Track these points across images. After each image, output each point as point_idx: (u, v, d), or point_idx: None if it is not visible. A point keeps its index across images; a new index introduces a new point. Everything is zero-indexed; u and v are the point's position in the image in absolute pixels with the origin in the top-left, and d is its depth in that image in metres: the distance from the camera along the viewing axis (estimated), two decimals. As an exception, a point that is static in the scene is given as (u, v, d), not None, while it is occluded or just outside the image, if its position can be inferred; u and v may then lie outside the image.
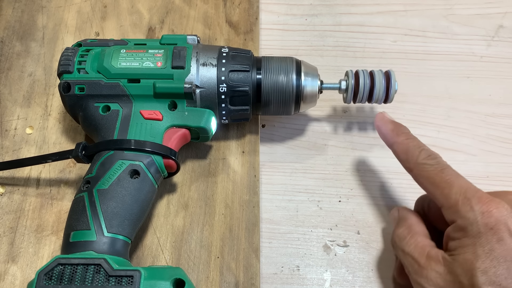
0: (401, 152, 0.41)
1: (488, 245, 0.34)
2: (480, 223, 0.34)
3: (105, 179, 0.40)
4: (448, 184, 0.37)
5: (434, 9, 0.59)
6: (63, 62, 0.44)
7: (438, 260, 0.36)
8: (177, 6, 0.57)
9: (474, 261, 0.34)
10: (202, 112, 0.44)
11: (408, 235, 0.39)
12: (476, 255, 0.34)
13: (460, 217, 0.36)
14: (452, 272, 0.35)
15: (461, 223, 0.36)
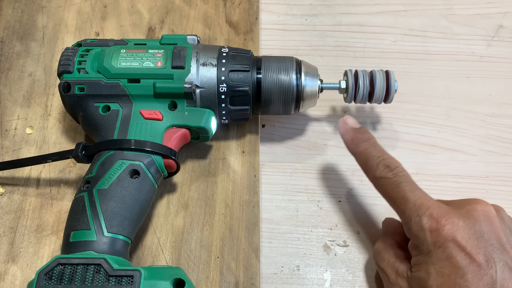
0: (361, 164, 0.41)
1: (438, 263, 0.34)
2: (429, 242, 0.35)
3: (105, 179, 0.40)
4: (403, 200, 0.37)
5: (434, 9, 0.59)
6: (63, 62, 0.44)
7: (404, 276, 0.37)
8: (177, 6, 0.57)
9: (426, 279, 0.34)
10: (202, 112, 0.44)
11: (383, 250, 0.40)
12: (428, 273, 0.34)
13: (413, 235, 0.36)
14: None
15: (414, 242, 0.36)
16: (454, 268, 0.34)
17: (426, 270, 0.35)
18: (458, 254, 0.34)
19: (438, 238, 0.34)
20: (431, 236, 0.35)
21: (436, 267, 0.34)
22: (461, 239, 0.34)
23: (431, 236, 0.35)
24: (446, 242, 0.34)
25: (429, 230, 0.35)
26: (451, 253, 0.34)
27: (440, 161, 0.51)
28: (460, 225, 0.35)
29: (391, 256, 0.39)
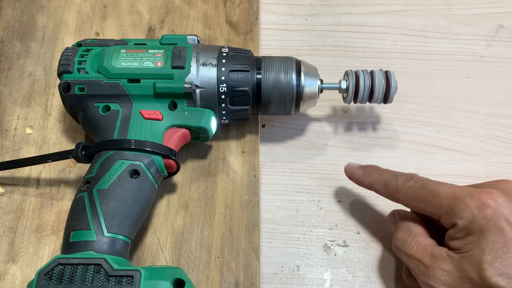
0: (381, 188, 0.42)
1: (490, 237, 0.35)
2: (478, 218, 0.35)
3: (105, 179, 0.40)
4: (435, 194, 0.38)
5: (434, 9, 0.59)
6: (63, 62, 0.44)
7: (444, 258, 0.37)
8: (177, 6, 0.57)
9: (480, 255, 0.34)
10: (202, 112, 0.44)
11: (408, 237, 0.40)
12: (482, 249, 0.35)
13: (459, 218, 0.36)
14: (460, 269, 0.35)
15: (462, 224, 0.36)
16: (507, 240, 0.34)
17: (479, 246, 0.35)
18: (507, 226, 0.35)
19: (487, 212, 0.35)
20: (479, 212, 0.35)
21: (489, 241, 0.35)
22: (506, 213, 0.35)
23: (479, 212, 0.35)
24: (496, 214, 0.35)
25: (476, 207, 0.35)
26: (502, 225, 0.35)
27: (440, 161, 0.51)
28: (502, 199, 0.36)
29: (421, 242, 0.39)
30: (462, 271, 0.35)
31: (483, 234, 0.35)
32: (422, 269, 0.38)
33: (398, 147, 0.51)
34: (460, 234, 0.36)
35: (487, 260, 0.34)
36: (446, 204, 0.37)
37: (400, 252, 0.40)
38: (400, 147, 0.51)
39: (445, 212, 0.37)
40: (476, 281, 0.34)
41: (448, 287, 0.36)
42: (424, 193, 0.39)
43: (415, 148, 0.51)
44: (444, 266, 0.36)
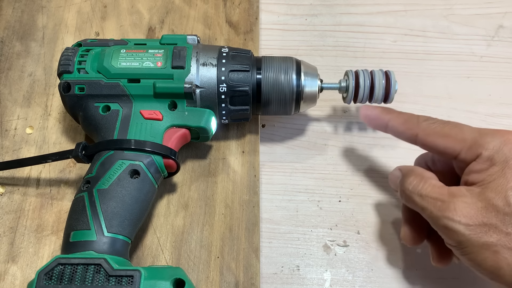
0: (400, 124, 0.42)
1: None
2: (505, 150, 0.36)
3: (105, 179, 0.40)
4: (459, 129, 0.38)
5: (434, 9, 0.59)
6: (63, 62, 0.44)
7: (463, 193, 0.36)
8: (177, 6, 0.57)
9: (506, 183, 0.35)
10: (202, 112, 0.44)
11: (421, 181, 0.39)
12: (507, 178, 0.35)
13: (485, 149, 0.37)
14: (483, 199, 0.35)
15: (487, 154, 0.36)
16: None
17: (504, 176, 0.35)
18: None
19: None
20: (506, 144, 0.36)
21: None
22: None
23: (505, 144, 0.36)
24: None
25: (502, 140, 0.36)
26: None
27: (440, 161, 0.51)
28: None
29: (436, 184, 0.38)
30: (485, 200, 0.35)
31: (508, 164, 0.35)
32: (439, 205, 0.36)
33: (398, 147, 0.51)
34: (484, 165, 0.36)
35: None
36: (471, 138, 0.37)
37: (413, 195, 0.38)
38: (400, 147, 0.51)
39: (469, 145, 0.37)
40: (501, 208, 0.34)
41: (469, 218, 0.35)
42: (448, 127, 0.39)
43: (415, 148, 0.51)
44: (465, 199, 0.36)
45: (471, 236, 0.35)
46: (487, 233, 0.35)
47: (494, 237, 0.34)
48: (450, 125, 0.39)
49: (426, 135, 0.40)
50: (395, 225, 0.48)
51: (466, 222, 0.35)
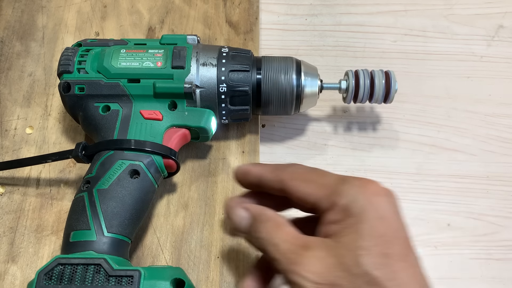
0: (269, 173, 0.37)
1: (369, 222, 0.32)
2: (361, 200, 0.33)
3: (105, 179, 0.40)
4: (322, 175, 0.36)
5: (434, 9, 0.59)
6: (63, 62, 0.44)
7: (317, 246, 0.33)
8: (177, 6, 0.57)
9: (358, 240, 0.31)
10: (202, 112, 0.44)
11: (276, 228, 0.35)
12: (360, 234, 0.32)
13: (342, 196, 0.33)
14: (335, 255, 0.32)
15: (342, 203, 0.33)
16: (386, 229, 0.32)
17: (357, 231, 0.32)
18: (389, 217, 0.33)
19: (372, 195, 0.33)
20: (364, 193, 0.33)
21: (367, 227, 0.32)
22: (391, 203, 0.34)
23: (363, 194, 0.33)
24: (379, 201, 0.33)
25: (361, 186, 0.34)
26: (383, 214, 0.33)
27: (440, 161, 0.51)
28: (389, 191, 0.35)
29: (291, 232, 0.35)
30: (336, 257, 0.32)
31: (362, 217, 0.32)
32: (290, 257, 0.33)
33: (398, 147, 0.51)
34: (339, 215, 0.33)
35: (364, 245, 0.31)
36: (331, 183, 0.34)
37: (266, 243, 0.35)
38: (400, 147, 0.51)
39: (328, 193, 0.34)
40: (351, 268, 0.31)
41: (318, 275, 0.31)
42: (313, 174, 0.36)
43: (415, 148, 0.51)
44: (316, 253, 0.32)
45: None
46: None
47: None
48: (315, 172, 0.36)
49: (290, 179, 0.36)
50: (395, 225, 0.48)
51: (314, 280, 0.31)
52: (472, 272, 0.46)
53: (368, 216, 0.32)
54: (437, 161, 0.51)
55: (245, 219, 0.37)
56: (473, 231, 0.48)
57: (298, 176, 0.36)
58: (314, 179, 0.35)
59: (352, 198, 0.33)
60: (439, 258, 0.46)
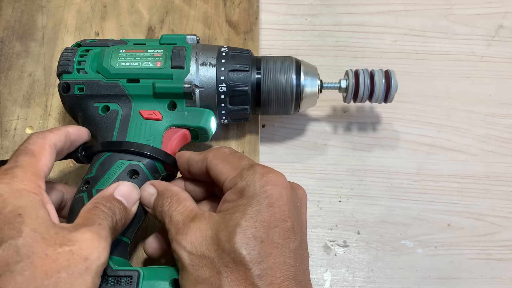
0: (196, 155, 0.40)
1: (257, 206, 0.34)
2: (257, 185, 0.34)
3: (104, 179, 0.40)
4: (240, 159, 0.37)
5: (434, 9, 0.59)
6: (62, 62, 0.44)
7: (204, 218, 0.35)
8: (177, 6, 0.57)
9: (239, 219, 0.33)
10: (201, 112, 0.44)
11: (176, 202, 0.37)
12: (244, 214, 0.33)
13: (242, 179, 0.35)
14: (214, 229, 0.33)
15: (240, 185, 0.35)
16: (270, 217, 0.33)
17: (243, 211, 0.33)
18: (277, 207, 0.34)
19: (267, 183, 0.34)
20: (261, 180, 0.35)
21: (253, 210, 0.33)
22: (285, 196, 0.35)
23: (260, 180, 0.35)
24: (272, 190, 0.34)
25: (261, 174, 0.35)
26: (273, 202, 0.34)
27: (440, 161, 0.51)
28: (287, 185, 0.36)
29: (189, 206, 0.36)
30: (215, 230, 0.33)
31: (252, 201, 0.34)
32: (178, 227, 0.35)
33: (398, 147, 0.51)
34: (235, 196, 0.35)
35: (242, 225, 0.33)
36: (241, 168, 0.36)
37: (165, 216, 0.37)
38: (400, 147, 0.51)
39: (235, 174, 0.36)
40: (223, 243, 0.32)
41: (194, 246, 0.33)
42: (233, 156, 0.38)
43: (415, 148, 0.51)
44: (200, 225, 0.34)
45: (189, 267, 0.33)
46: (202, 268, 0.33)
47: (207, 273, 0.32)
48: (235, 155, 0.38)
49: (213, 157, 0.38)
50: (395, 225, 0.48)
51: (189, 250, 0.33)
52: (472, 272, 0.46)
53: (258, 201, 0.34)
54: (437, 161, 0.51)
55: (152, 194, 0.39)
56: (473, 231, 0.48)
57: (220, 156, 0.38)
58: (231, 161, 0.37)
59: (249, 183, 0.35)
60: (439, 258, 0.46)
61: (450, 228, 0.48)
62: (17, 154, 0.35)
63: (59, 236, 0.30)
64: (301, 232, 0.35)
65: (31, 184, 0.33)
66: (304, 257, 0.35)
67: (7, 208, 0.30)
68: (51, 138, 0.37)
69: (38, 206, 0.32)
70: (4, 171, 0.33)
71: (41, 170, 0.34)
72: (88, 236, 0.31)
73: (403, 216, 0.48)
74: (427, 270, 0.46)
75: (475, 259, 0.47)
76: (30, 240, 0.29)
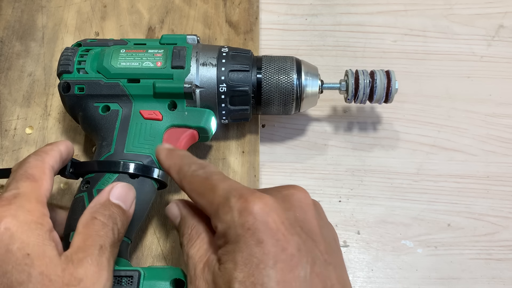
0: (175, 173, 0.36)
1: (247, 250, 0.29)
2: (237, 224, 0.30)
3: (104, 179, 0.40)
4: (212, 188, 0.32)
5: (435, 9, 0.59)
6: (62, 62, 0.44)
7: (209, 268, 0.32)
8: (177, 6, 0.57)
9: (233, 271, 0.29)
10: (202, 112, 0.44)
11: (191, 240, 0.34)
12: (235, 263, 0.29)
13: (220, 221, 0.31)
14: (215, 283, 0.30)
15: (221, 229, 0.31)
16: (264, 255, 0.29)
17: (233, 260, 0.29)
18: (269, 239, 0.29)
19: (248, 219, 0.29)
20: (240, 217, 0.30)
21: (244, 255, 0.29)
22: (272, 222, 0.30)
23: (239, 217, 0.30)
24: (256, 224, 0.29)
25: (238, 210, 0.30)
26: (261, 237, 0.29)
27: (440, 161, 0.51)
28: (273, 206, 0.30)
29: (203, 245, 0.33)
30: (216, 285, 0.30)
31: (239, 245, 0.29)
32: (192, 274, 0.33)
33: (398, 147, 0.51)
34: (220, 241, 0.31)
35: (239, 277, 0.29)
36: (216, 202, 0.32)
37: (184, 251, 0.35)
38: (400, 147, 0.51)
39: (213, 213, 0.32)
40: None
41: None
42: (204, 186, 0.33)
43: (415, 148, 0.51)
44: (207, 277, 0.31)
45: None
46: None
47: None
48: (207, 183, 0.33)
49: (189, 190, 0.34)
50: (395, 225, 0.48)
51: None
52: (472, 272, 0.46)
53: (245, 243, 0.29)
54: (437, 161, 0.51)
55: (176, 217, 0.36)
56: (473, 231, 0.48)
57: (194, 188, 0.34)
58: (206, 195, 0.33)
59: (229, 224, 0.30)
60: (439, 258, 0.46)
61: (450, 228, 0.48)
62: (17, 179, 0.34)
63: (66, 274, 0.30)
64: (313, 245, 0.31)
65: (36, 213, 0.32)
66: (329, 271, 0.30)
67: (15, 244, 0.30)
68: (49, 160, 0.36)
69: (45, 240, 0.31)
70: (8, 201, 0.32)
71: (44, 195, 0.34)
72: (91, 272, 0.31)
73: (403, 216, 0.48)
74: (427, 270, 0.46)
75: (475, 259, 0.47)
76: (39, 285, 0.29)
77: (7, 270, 0.30)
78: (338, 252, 0.33)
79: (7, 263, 0.30)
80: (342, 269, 0.32)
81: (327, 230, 0.34)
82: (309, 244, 0.31)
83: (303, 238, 0.30)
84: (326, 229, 0.33)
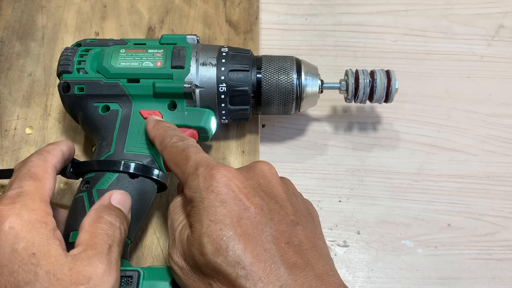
0: (158, 143, 0.39)
1: (211, 209, 0.32)
2: (202, 188, 0.32)
3: (104, 179, 0.40)
4: (187, 159, 0.35)
5: (435, 8, 0.59)
6: (62, 62, 0.44)
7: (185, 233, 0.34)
8: (177, 6, 0.57)
9: (200, 229, 0.31)
10: (201, 112, 0.44)
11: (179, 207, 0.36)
12: (201, 222, 0.32)
13: (188, 187, 0.34)
14: (190, 245, 0.32)
15: (188, 194, 0.34)
16: (228, 212, 0.31)
17: (200, 220, 0.32)
18: (231, 200, 0.32)
19: (211, 183, 0.32)
20: (204, 182, 0.32)
21: (209, 214, 0.32)
22: (235, 185, 0.32)
23: (204, 182, 0.32)
24: (219, 187, 0.32)
25: (203, 176, 0.33)
26: (224, 198, 0.32)
27: (440, 161, 0.51)
28: (235, 173, 0.33)
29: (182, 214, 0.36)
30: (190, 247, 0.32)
31: (203, 205, 0.32)
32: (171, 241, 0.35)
33: (398, 147, 0.51)
34: (189, 206, 0.34)
35: (206, 233, 0.31)
36: (187, 172, 0.34)
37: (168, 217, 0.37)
38: (400, 147, 0.51)
39: (185, 180, 0.34)
40: (198, 258, 0.31)
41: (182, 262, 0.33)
42: (181, 156, 0.36)
43: (415, 148, 0.51)
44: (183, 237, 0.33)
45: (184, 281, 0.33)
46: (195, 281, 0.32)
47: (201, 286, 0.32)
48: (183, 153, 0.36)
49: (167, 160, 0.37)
50: (395, 225, 0.48)
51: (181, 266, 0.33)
52: (472, 272, 0.46)
53: (209, 203, 0.32)
54: (437, 161, 0.51)
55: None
56: (473, 231, 0.48)
57: (172, 157, 0.37)
58: (180, 164, 0.35)
59: (195, 189, 0.33)
60: (439, 258, 0.46)
61: (450, 228, 0.48)
62: (21, 178, 0.34)
63: (73, 273, 0.30)
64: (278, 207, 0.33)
65: (40, 212, 0.32)
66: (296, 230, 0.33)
67: (21, 244, 0.30)
68: (51, 160, 0.36)
69: (49, 239, 0.31)
70: (11, 199, 0.32)
71: (47, 195, 0.34)
72: (101, 270, 0.31)
73: (403, 216, 0.48)
74: (427, 270, 0.46)
75: (475, 259, 0.47)
76: (46, 284, 0.29)
77: (14, 270, 0.29)
78: (310, 219, 0.35)
79: (13, 262, 0.30)
80: (314, 233, 0.34)
81: (296, 199, 0.36)
82: (273, 205, 0.33)
83: (266, 201, 0.33)
84: (295, 198, 0.36)
